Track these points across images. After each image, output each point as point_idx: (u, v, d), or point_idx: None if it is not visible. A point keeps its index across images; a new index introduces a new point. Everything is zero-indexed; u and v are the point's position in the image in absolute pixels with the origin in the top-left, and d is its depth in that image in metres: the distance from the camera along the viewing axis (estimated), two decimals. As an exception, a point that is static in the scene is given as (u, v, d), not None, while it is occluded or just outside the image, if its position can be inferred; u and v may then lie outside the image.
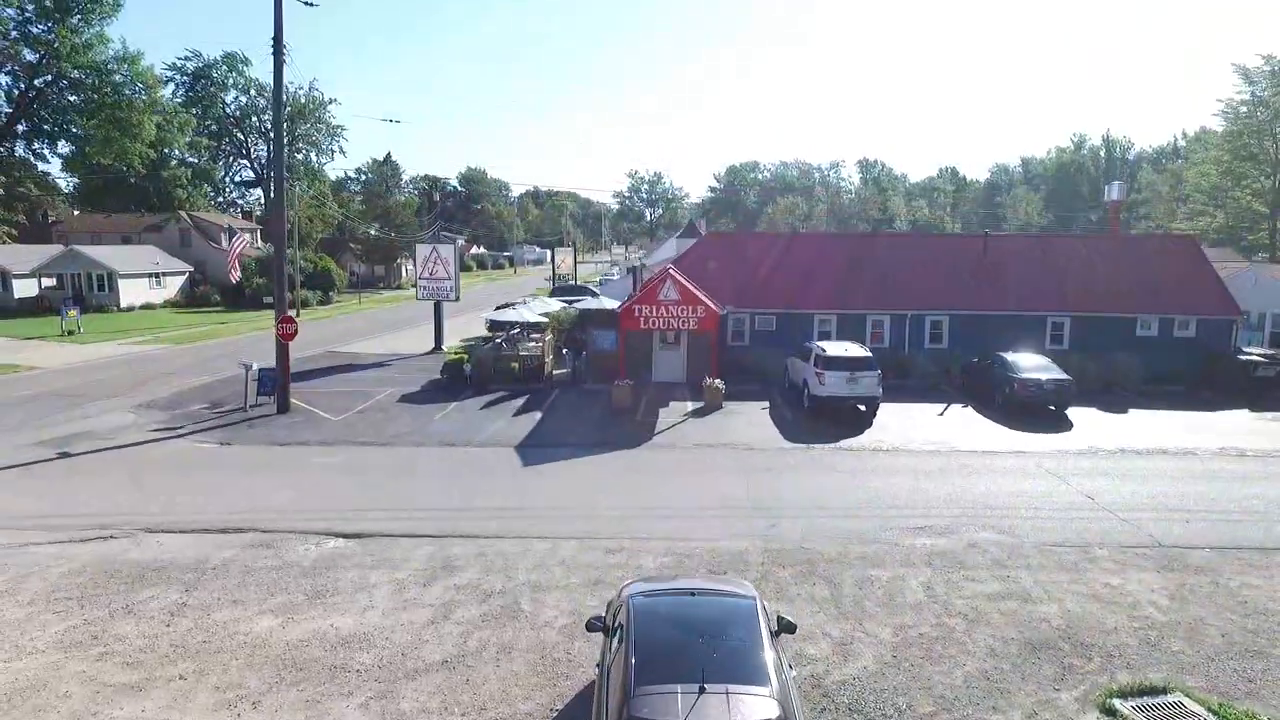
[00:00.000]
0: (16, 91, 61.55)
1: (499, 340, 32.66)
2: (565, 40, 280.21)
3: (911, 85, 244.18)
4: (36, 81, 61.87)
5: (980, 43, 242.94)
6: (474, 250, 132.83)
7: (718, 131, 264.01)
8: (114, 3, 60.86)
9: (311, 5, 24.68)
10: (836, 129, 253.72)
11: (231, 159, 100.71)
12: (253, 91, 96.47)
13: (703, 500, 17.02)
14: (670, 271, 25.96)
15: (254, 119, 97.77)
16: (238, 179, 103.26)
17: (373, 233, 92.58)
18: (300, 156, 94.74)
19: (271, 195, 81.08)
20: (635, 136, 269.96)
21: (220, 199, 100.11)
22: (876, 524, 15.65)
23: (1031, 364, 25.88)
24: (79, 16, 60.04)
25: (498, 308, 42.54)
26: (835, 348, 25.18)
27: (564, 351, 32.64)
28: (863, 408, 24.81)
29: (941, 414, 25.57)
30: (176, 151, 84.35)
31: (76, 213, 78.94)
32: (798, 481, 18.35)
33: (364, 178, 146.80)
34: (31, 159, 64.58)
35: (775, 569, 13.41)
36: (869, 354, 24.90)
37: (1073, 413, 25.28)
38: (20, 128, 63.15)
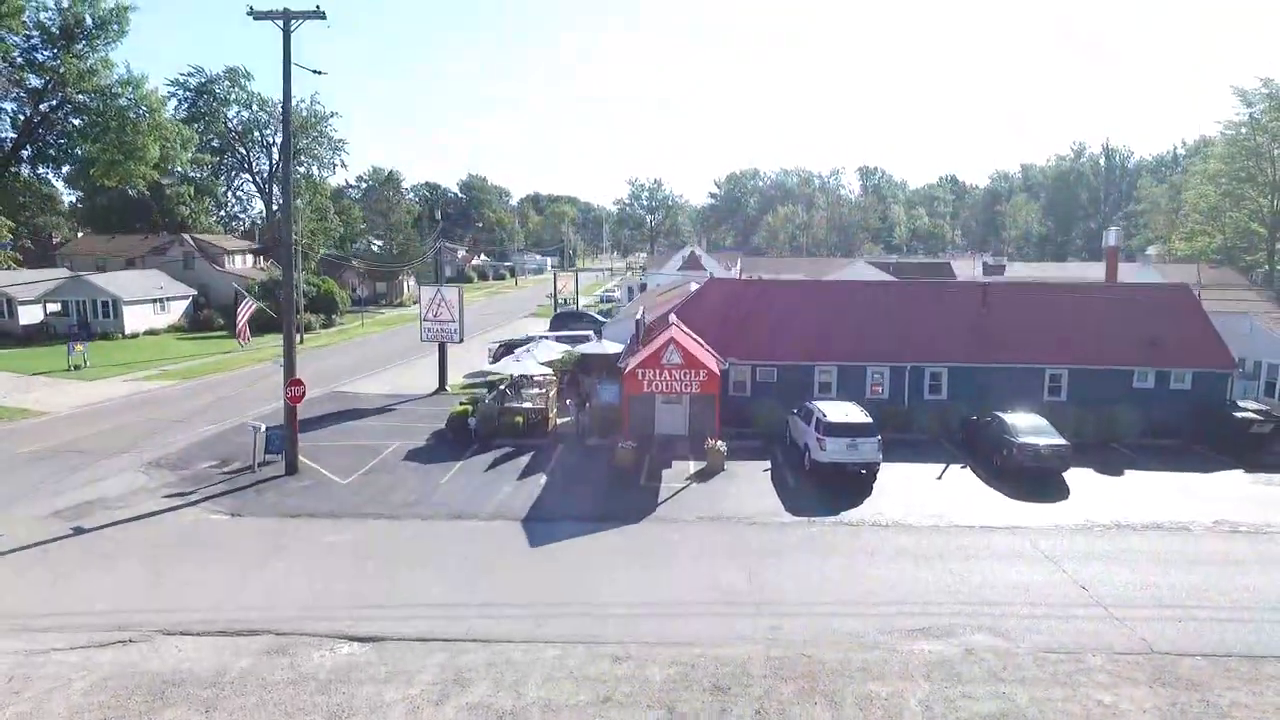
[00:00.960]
0: (21, 117, 61.89)
1: (504, 388, 32.99)
2: (569, 46, 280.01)
3: (912, 92, 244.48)
4: (41, 106, 62.22)
5: (981, 49, 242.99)
6: (475, 261, 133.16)
7: (718, 138, 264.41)
8: (119, 29, 61.17)
9: (320, 74, 24.99)
10: (837, 136, 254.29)
11: (234, 173, 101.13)
12: (255, 106, 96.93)
13: (707, 593, 17.40)
14: (674, 336, 26.36)
15: (256, 133, 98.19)
16: (239, 193, 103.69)
17: (375, 248, 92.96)
18: (302, 170, 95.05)
19: (279, 218, 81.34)
20: (636, 143, 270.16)
21: (223, 212, 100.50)
22: (877, 624, 16.03)
23: (1029, 426, 26.21)
24: (84, 42, 60.41)
25: (500, 346, 42.83)
26: (836, 412, 25.54)
27: (568, 402, 33.02)
28: (863, 471, 25.19)
29: (940, 477, 25.95)
30: (179, 168, 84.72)
31: (80, 235, 79.28)
32: (800, 569, 18.71)
33: (364, 185, 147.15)
34: (36, 183, 64.83)
35: (778, 684, 13.79)
36: (869, 419, 25.28)
37: (1070, 474, 25.59)
38: (25, 152, 63.47)
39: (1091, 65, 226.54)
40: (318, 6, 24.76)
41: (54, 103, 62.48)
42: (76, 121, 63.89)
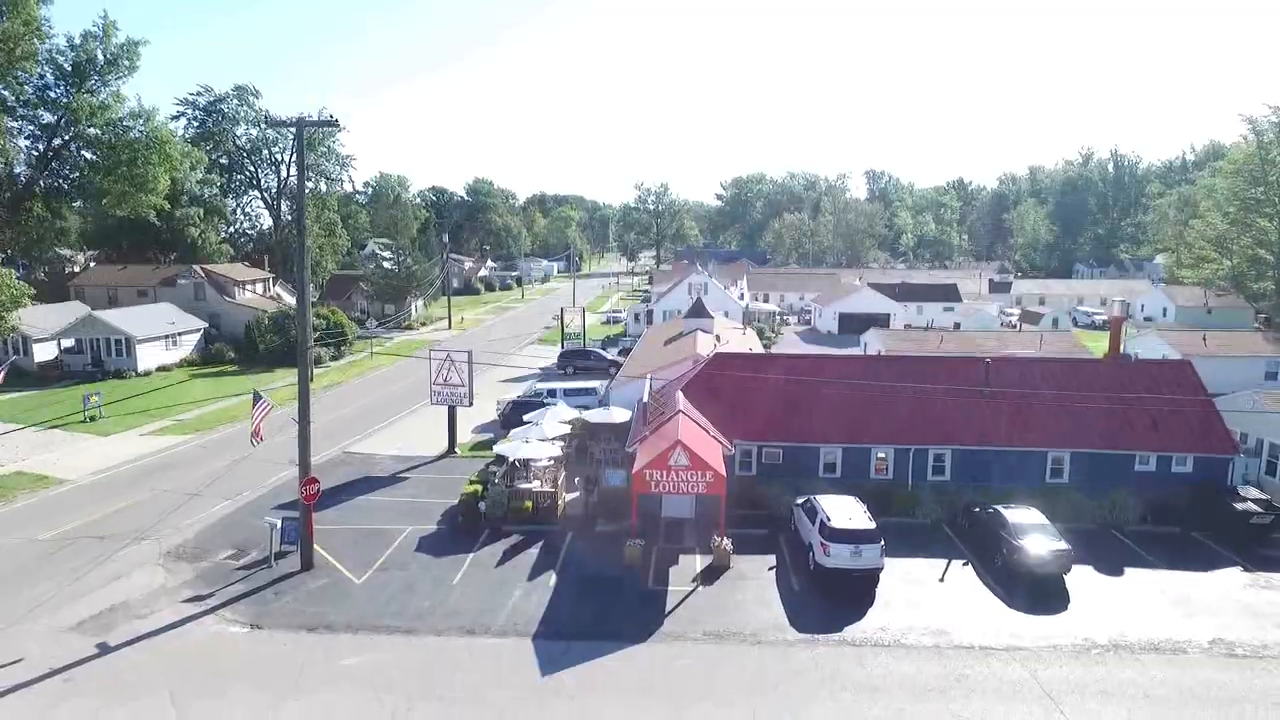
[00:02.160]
0: (35, 153, 62.45)
1: (514, 463, 33.48)
2: (574, 51, 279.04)
3: (920, 94, 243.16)
4: (54, 141, 62.77)
5: (989, 52, 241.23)
6: (482, 272, 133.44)
7: (725, 140, 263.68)
8: (129, 64, 61.59)
9: (341, 183, 25.39)
10: (844, 139, 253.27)
11: (243, 190, 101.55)
12: (263, 124, 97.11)
13: (712, 743, 17.94)
14: (681, 439, 26.83)
15: (265, 151, 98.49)
16: (247, 210, 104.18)
17: (385, 265, 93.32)
18: (310, 186, 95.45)
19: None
20: (643, 142, 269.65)
21: (231, 230, 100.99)
22: (877, 786, 16.55)
23: (1030, 525, 26.50)
24: (96, 78, 60.90)
25: (510, 405, 43.25)
26: (840, 515, 25.97)
27: (575, 480, 33.56)
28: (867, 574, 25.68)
29: (942, 579, 26.39)
30: (188, 187, 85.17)
31: (93, 265, 79.89)
32: (802, 711, 19.19)
33: (370, 189, 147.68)
34: (50, 217, 65.43)
35: None
36: (872, 524, 25.70)
37: (1071, 576, 25.95)
38: (39, 187, 64.04)
39: (1100, 68, 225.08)
40: (332, 116, 25.23)
41: (67, 137, 63.04)
42: (88, 155, 64.46)
